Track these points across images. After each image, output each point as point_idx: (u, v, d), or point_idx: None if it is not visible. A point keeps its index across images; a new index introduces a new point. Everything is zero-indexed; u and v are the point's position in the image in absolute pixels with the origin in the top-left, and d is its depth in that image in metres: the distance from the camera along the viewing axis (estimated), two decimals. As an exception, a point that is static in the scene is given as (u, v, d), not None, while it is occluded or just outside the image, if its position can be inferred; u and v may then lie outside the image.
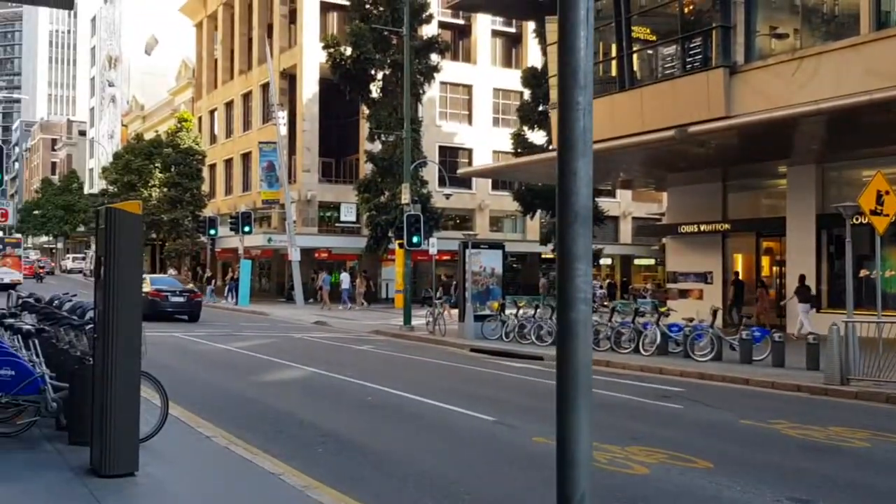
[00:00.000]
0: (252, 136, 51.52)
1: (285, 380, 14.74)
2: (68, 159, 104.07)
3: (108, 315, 6.87)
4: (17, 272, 47.00)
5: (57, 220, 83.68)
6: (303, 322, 30.36)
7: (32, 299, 11.89)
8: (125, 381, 6.91)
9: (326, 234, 47.15)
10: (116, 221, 6.90)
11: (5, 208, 21.00)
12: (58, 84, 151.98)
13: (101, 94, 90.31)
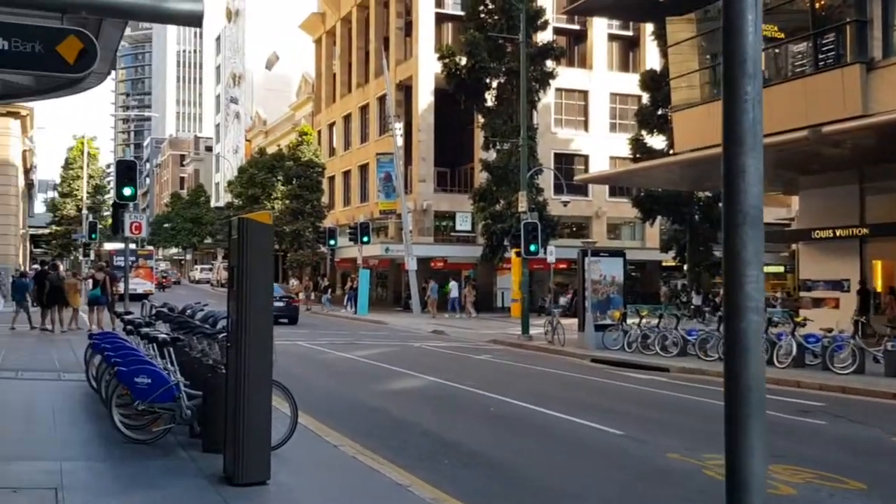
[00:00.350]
0: (369, 147, 52.34)
1: (406, 389, 14.72)
2: (195, 174, 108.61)
3: (240, 324, 6.93)
4: (149, 282, 49.20)
5: (186, 232, 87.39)
6: (420, 331, 30.48)
7: (166, 309, 12.27)
8: (257, 390, 6.95)
9: (442, 243, 47.33)
10: (248, 231, 6.96)
11: (139, 221, 21.81)
12: (185, 102, 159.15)
13: (225, 111, 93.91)
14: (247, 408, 6.90)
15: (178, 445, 8.34)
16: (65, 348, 17.26)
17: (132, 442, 8.29)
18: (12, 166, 42.94)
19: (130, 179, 22.01)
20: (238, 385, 6.91)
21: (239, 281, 6.96)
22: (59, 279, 23.02)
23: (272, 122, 75.54)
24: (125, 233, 22.13)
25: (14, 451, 7.85)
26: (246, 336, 6.92)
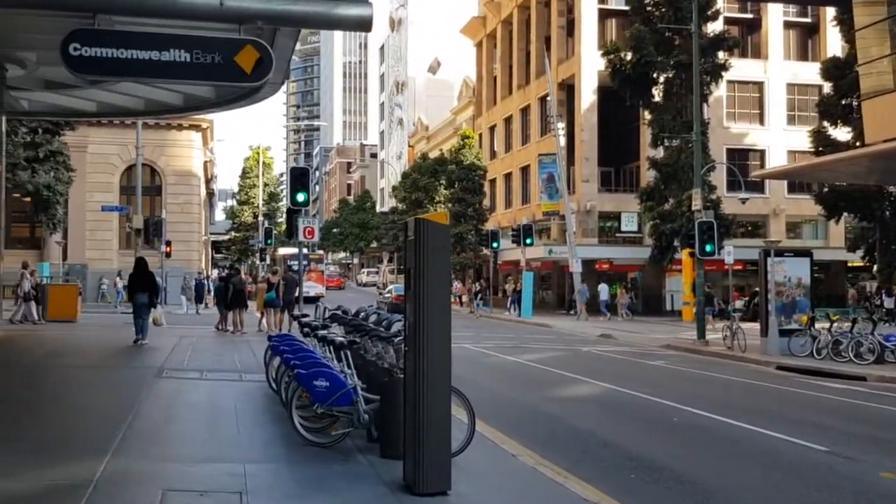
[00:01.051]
0: (531, 149, 51.94)
1: (580, 395, 14.17)
2: (362, 180, 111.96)
3: (418, 327, 6.67)
4: (320, 286, 50.99)
5: (353, 237, 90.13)
6: (587, 335, 29.74)
7: (340, 311, 12.31)
8: (437, 396, 6.68)
9: (607, 244, 46.23)
10: (425, 232, 6.69)
11: (312, 226, 22.37)
12: (351, 111, 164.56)
13: (389, 118, 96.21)
14: (427, 414, 6.64)
15: (357, 450, 8.22)
16: (245, 349, 17.85)
17: (312, 445, 8.24)
18: (195, 176, 45.55)
19: (303, 185, 22.63)
20: (417, 390, 6.67)
21: (416, 283, 6.71)
22: (240, 283, 23.97)
23: (434, 127, 76.60)
24: (299, 237, 22.79)
25: (200, 453, 7.96)
26: (425, 339, 6.66)
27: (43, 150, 33.61)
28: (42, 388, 11.87)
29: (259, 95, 21.27)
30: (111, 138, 41.76)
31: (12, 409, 9.95)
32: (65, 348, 17.57)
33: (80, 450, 7.67)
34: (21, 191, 33.77)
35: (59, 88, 20.84)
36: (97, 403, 10.64)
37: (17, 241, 41.20)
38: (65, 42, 12.27)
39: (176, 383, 12.40)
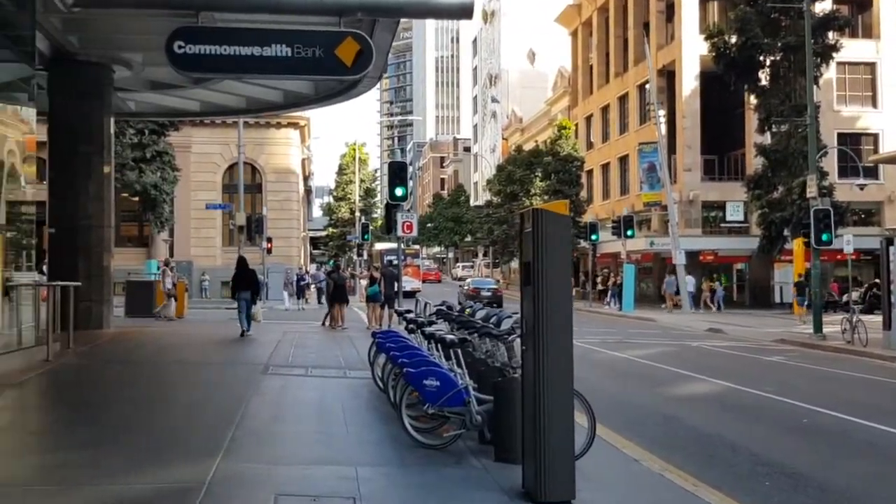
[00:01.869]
0: (629, 138, 50.72)
1: (697, 394, 13.47)
2: (455, 175, 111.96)
3: (538, 324, 6.24)
4: (417, 280, 51.01)
5: (447, 231, 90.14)
6: (693, 329, 28.70)
7: (445, 307, 11.98)
8: (558, 397, 6.24)
9: (711, 235, 44.74)
10: (544, 223, 6.25)
11: (410, 221, 22.18)
12: (444, 106, 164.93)
13: (482, 111, 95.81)
14: (547, 417, 6.21)
15: (470, 453, 7.85)
16: (347, 345, 17.77)
17: (422, 447, 7.92)
18: (293, 173, 46.24)
19: (401, 180, 22.45)
20: (537, 391, 6.24)
21: (534, 277, 6.28)
22: (341, 278, 24.00)
23: (528, 118, 75.79)
24: (397, 232, 22.64)
25: (310, 454, 7.74)
26: (544, 337, 6.22)
27: (149, 150, 34.59)
28: (151, 385, 11.96)
29: (356, 90, 21.24)
30: (213, 138, 42.76)
31: (123, 407, 9.98)
32: (173, 344, 17.85)
33: (191, 450, 7.55)
34: (129, 190, 34.84)
35: (164, 89, 21.27)
36: (206, 401, 10.59)
37: (127, 239, 42.63)
38: (169, 40, 12.33)
39: (282, 380, 12.32)
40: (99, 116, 18.73)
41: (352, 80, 16.97)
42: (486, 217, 63.56)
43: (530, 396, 6.35)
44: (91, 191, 18.82)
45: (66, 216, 18.53)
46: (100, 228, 18.85)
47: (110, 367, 13.75)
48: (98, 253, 18.88)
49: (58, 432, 8.69)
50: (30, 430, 8.89)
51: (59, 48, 17.33)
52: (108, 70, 18.58)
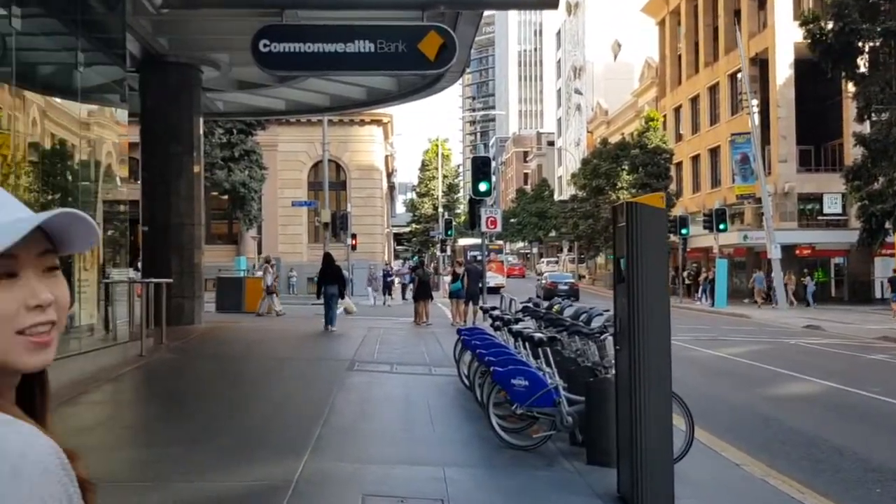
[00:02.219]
0: (720, 129, 49.29)
1: (797, 394, 12.86)
2: (538, 169, 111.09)
3: (632, 323, 5.96)
4: (500, 276, 50.74)
5: (531, 226, 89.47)
6: (790, 326, 27.65)
7: (532, 304, 11.74)
8: (656, 399, 5.94)
9: (807, 228, 43.11)
10: (639, 218, 5.96)
11: (494, 216, 21.95)
12: (527, 100, 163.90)
13: (566, 104, 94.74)
14: (644, 419, 5.92)
15: (560, 454, 7.59)
16: (432, 341, 17.66)
17: (511, 447, 7.70)
18: (377, 170, 46.54)
19: (485, 175, 22.24)
20: (633, 392, 5.95)
21: (629, 274, 6.00)
22: (426, 275, 23.96)
23: (614, 111, 74.55)
24: (481, 227, 22.45)
25: (397, 453, 7.61)
26: (640, 337, 5.93)
27: (238, 149, 35.30)
28: (241, 381, 12.07)
29: (439, 85, 21.12)
30: (299, 136, 43.37)
31: (214, 403, 10.08)
32: (262, 340, 18.09)
33: (279, 448, 7.51)
34: (219, 189, 35.63)
35: (251, 88, 21.58)
36: (294, 397, 10.62)
37: (217, 237, 43.63)
38: (255, 39, 12.43)
39: (367, 376, 12.27)
40: (189, 116, 19.10)
41: (435, 74, 16.84)
42: (571, 212, 62.74)
43: (625, 398, 6.08)
44: (182, 190, 19.20)
45: (158, 215, 18.96)
46: (191, 226, 19.22)
47: (201, 362, 13.97)
48: (189, 250, 19.26)
49: (151, 428, 8.82)
50: (124, 424, 9.06)
51: (149, 50, 17.73)
52: (197, 71, 18.92)
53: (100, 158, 15.33)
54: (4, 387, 1.09)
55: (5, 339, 1.06)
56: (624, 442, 6.15)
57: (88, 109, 14.44)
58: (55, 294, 1.10)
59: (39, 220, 1.04)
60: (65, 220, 1.07)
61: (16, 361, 1.07)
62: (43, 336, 1.08)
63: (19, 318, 1.06)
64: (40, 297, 1.07)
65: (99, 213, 14.98)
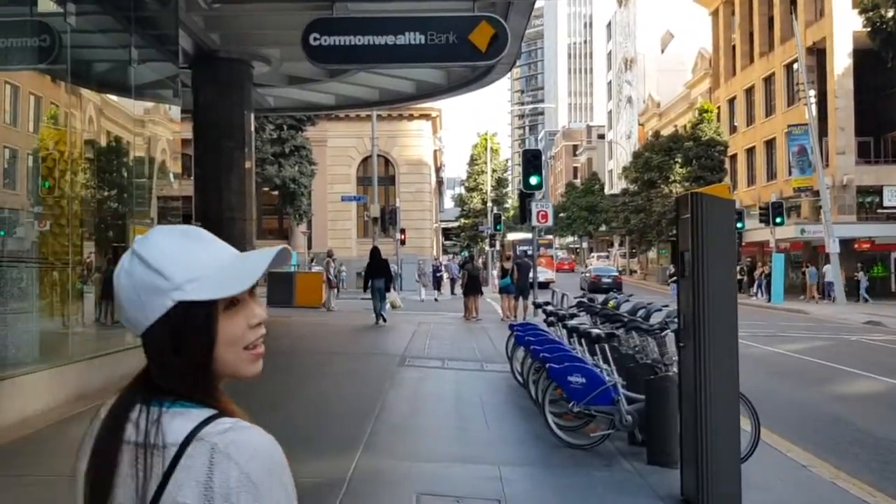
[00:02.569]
0: (776, 120, 48.19)
1: (864, 393, 12.41)
2: (588, 163, 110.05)
3: (698, 320, 5.71)
4: (550, 271, 50.29)
5: (581, 220, 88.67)
6: (850, 322, 26.89)
7: (586, 299, 11.48)
8: (722, 399, 5.70)
9: (866, 221, 41.94)
10: (705, 209, 5.71)
11: (546, 210, 21.71)
12: (576, 93, 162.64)
13: (617, 97, 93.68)
14: (710, 420, 5.68)
15: (619, 454, 7.37)
16: (482, 337, 17.50)
17: (568, 446, 7.50)
18: (426, 165, 46.48)
19: (536, 168, 21.99)
20: (698, 392, 5.72)
21: (694, 269, 5.75)
22: (475, 269, 23.79)
23: (666, 103, 73.47)
24: (532, 221, 22.20)
25: (451, 451, 7.46)
26: (706, 335, 5.69)
27: (288, 145, 35.49)
28: (292, 376, 12.01)
29: (489, 78, 20.89)
30: (348, 132, 43.51)
31: (265, 399, 10.01)
32: (312, 334, 18.11)
33: (332, 444, 7.41)
34: (269, 184, 35.87)
35: (301, 83, 21.60)
36: (346, 392, 10.54)
37: (268, 232, 44.02)
38: (305, 33, 12.36)
39: (418, 372, 12.15)
40: (240, 112, 19.16)
41: (485, 66, 16.65)
42: (622, 206, 61.95)
43: (690, 397, 5.84)
44: (234, 185, 19.28)
45: (210, 210, 19.06)
46: (242, 221, 19.30)
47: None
48: (241, 245, 19.22)
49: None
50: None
51: (201, 46, 17.81)
52: (248, 66, 18.97)
53: (154, 155, 15.44)
54: (218, 389, 1.31)
55: (236, 355, 1.30)
56: (688, 442, 5.92)
57: (142, 106, 14.53)
58: (261, 311, 1.33)
59: (269, 260, 1.29)
60: (279, 256, 1.31)
61: (243, 372, 1.33)
62: (259, 349, 1.34)
63: (245, 336, 1.30)
64: (258, 316, 1.32)
65: (153, 209, 15.10)
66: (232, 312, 1.27)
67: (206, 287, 1.24)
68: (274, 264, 1.28)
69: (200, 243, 1.29)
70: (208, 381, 1.28)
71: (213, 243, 1.31)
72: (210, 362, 1.27)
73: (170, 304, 1.23)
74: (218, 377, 1.30)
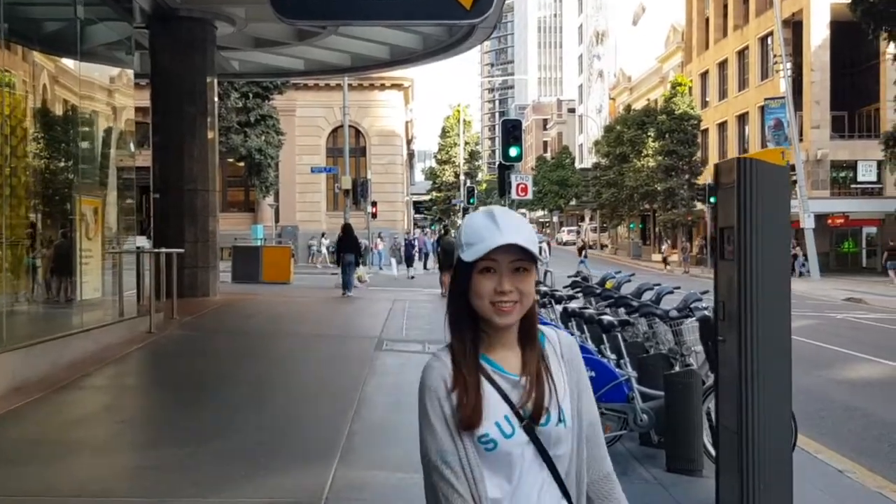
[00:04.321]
0: (749, 94, 47.64)
1: (869, 378, 11.68)
2: (558, 137, 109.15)
3: (743, 310, 4.80)
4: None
5: (552, 194, 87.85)
6: (830, 298, 26.41)
7: (580, 278, 10.55)
8: (773, 402, 4.82)
9: (840, 196, 41.62)
10: (755, 177, 4.77)
11: (525, 183, 20.78)
12: (546, 67, 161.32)
13: (588, 71, 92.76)
14: (758, 425, 4.80)
15: (633, 458, 6.50)
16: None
17: (574, 449, 6.59)
18: (397, 136, 45.28)
19: (515, 139, 20.96)
20: (743, 392, 4.82)
21: (739, 248, 4.83)
22: (450, 244, 22.84)
23: (637, 77, 72.68)
24: (511, 195, 21.26)
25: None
26: (752, 327, 4.78)
27: (254, 114, 34.15)
28: (259, 363, 10.98)
29: (466, 44, 19.81)
30: (317, 101, 42.15)
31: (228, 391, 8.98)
32: (281, 314, 17.06)
33: (304, 449, 6.46)
34: (235, 155, 34.56)
35: (268, 46, 20.37)
36: (318, 383, 9.54)
37: (233, 204, 42.67)
38: (273, -15, 11.26)
39: (398, 357, 11.20)
40: (202, 76, 17.94)
41: (468, 26, 15.62)
42: (594, 180, 61.23)
43: (731, 398, 4.95)
44: (196, 154, 18.14)
45: (171, 180, 17.94)
46: (205, 192, 18.16)
47: (215, 339, 12.90)
48: (204, 217, 18.22)
49: (155, 421, 7.76)
50: (124, 416, 7.95)
51: (160, 4, 16.58)
52: (211, 26, 17.74)
53: (105, 123, 14.27)
54: (497, 334, 1.81)
55: (486, 305, 1.75)
56: (727, 449, 5.04)
57: (92, 69, 13.29)
58: (517, 286, 1.74)
59: (494, 245, 1.72)
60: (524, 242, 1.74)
61: (493, 319, 1.76)
62: (505, 307, 1.75)
63: (492, 296, 1.75)
64: (503, 287, 1.74)
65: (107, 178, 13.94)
66: (486, 276, 1.76)
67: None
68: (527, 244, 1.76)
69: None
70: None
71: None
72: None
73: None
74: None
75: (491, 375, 1.76)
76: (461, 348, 1.77)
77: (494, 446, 1.70)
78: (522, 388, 1.75)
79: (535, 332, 1.81)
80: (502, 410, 1.73)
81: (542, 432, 1.73)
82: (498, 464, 1.71)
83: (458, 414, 1.71)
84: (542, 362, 1.79)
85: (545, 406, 1.73)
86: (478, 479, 1.69)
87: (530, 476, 1.73)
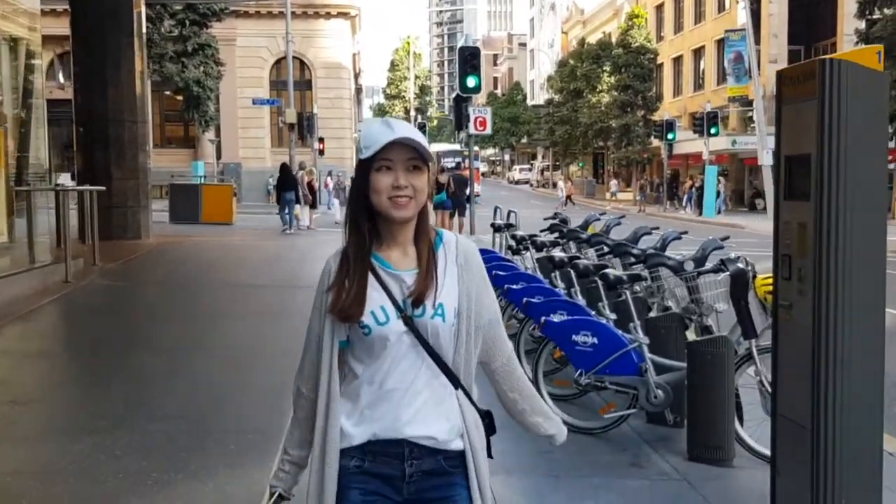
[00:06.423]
0: (705, 28, 46.53)
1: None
2: (509, 73, 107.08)
3: (823, 263, 3.56)
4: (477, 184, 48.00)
5: (503, 132, 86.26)
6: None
7: (559, 220, 9.22)
8: (862, 385, 3.64)
9: (796, 133, 41.00)
10: (844, 87, 3.48)
11: (484, 116, 19.42)
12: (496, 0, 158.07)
13: (540, 4, 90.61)
14: (840, 412, 3.61)
15: (644, 443, 5.32)
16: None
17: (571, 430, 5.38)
18: (344, 69, 43.22)
19: (474, 68, 19.51)
20: (819, 380, 3.62)
21: (817, 183, 3.56)
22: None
23: (590, 10, 70.97)
24: (469, 129, 19.88)
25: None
26: (836, 290, 3.56)
27: (190, 43, 31.95)
28: (195, 321, 9.51)
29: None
30: (259, 30, 39.84)
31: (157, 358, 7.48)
32: (219, 259, 15.58)
33: (239, 439, 5.15)
34: (171, 86, 32.41)
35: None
36: (261, 346, 8.03)
37: (171, 140, 40.45)
38: None
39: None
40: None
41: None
42: (547, 116, 59.85)
43: (800, 384, 3.74)
44: (122, 83, 16.42)
45: (94, 111, 16.24)
46: (132, 124, 16.45)
47: (139, 291, 11.38)
48: (132, 151, 16.55)
49: (63, 401, 6.28)
50: (23, 391, 6.44)
51: None
52: (135, -64, 15.81)
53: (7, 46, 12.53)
54: (391, 233, 2.02)
55: (383, 201, 1.94)
56: (789, 446, 3.87)
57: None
58: (411, 182, 1.95)
59: (386, 140, 1.92)
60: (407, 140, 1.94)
61: (389, 213, 1.95)
62: (401, 201, 1.95)
63: (389, 191, 1.94)
64: (399, 182, 1.93)
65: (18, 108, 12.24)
66: (383, 172, 1.96)
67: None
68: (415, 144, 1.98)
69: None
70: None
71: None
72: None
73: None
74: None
75: (377, 270, 2.00)
76: (356, 246, 1.99)
77: (369, 332, 1.96)
78: (404, 282, 1.99)
79: (424, 228, 2.04)
80: (379, 301, 1.97)
81: (419, 323, 1.97)
82: (373, 347, 1.98)
83: (340, 304, 1.97)
84: (432, 260, 2.00)
85: (422, 300, 1.95)
86: (324, 353, 2.06)
87: (406, 361, 1.98)
